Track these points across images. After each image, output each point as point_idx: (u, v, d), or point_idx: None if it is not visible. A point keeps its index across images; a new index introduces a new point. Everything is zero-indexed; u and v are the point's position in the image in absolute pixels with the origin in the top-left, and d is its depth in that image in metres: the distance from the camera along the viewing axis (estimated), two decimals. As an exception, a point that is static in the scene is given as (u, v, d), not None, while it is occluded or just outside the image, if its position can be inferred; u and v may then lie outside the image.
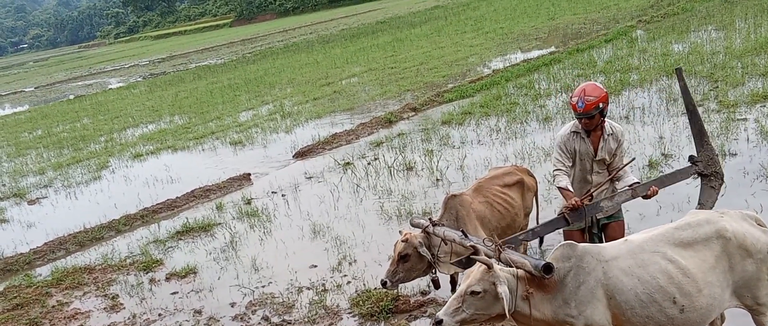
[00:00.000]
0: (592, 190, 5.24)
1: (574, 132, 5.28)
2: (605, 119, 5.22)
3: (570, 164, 5.36)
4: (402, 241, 5.50)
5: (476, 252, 4.40)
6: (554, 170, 5.39)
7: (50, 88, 45.08)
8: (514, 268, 4.22)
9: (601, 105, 5.02)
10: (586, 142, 5.27)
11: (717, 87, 11.39)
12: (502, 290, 3.98)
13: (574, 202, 4.98)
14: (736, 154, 8.37)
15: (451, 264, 5.36)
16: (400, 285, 5.69)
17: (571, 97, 5.16)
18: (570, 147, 5.31)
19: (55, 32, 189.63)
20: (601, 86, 5.11)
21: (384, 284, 5.47)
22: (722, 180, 5.44)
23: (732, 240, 4.11)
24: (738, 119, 9.59)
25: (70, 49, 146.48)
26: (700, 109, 10.27)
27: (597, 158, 5.29)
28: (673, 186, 7.40)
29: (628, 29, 19.94)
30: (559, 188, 5.34)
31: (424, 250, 5.42)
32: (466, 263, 4.85)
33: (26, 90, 46.20)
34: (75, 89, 40.37)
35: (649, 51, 15.70)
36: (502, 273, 4.11)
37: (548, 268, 4.05)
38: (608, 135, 5.24)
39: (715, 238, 4.12)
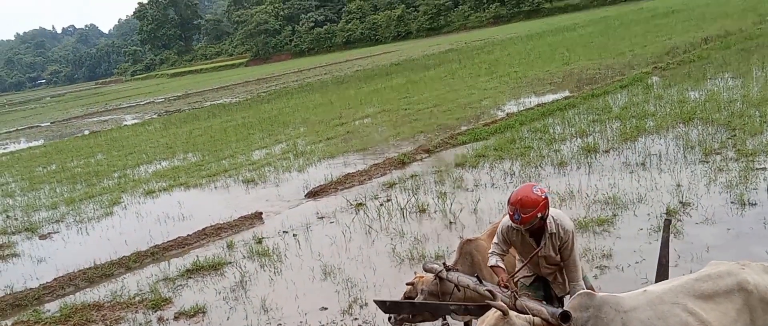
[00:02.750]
0: (518, 277, 5.13)
1: (514, 228, 4.93)
2: (547, 220, 4.83)
3: (506, 250, 5.13)
4: (407, 284, 5.57)
5: (493, 297, 4.31)
6: (490, 252, 5.16)
7: (66, 123, 45.54)
8: (530, 316, 4.13)
9: (539, 215, 4.69)
10: (527, 237, 4.97)
11: (735, 135, 11.28)
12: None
13: (501, 282, 4.81)
14: (755, 204, 8.23)
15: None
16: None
17: (508, 200, 4.76)
18: (510, 238, 5.06)
19: (72, 68, 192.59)
20: (539, 191, 4.69)
21: (390, 319, 5.48)
22: None
23: (754, 292, 3.99)
24: (757, 169, 9.44)
25: (87, 85, 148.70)
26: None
27: (541, 254, 4.99)
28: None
29: (643, 76, 19.87)
30: (490, 267, 5.09)
31: (421, 297, 5.37)
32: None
33: (42, 125, 46.67)
34: (90, 125, 40.80)
35: (665, 98, 15.62)
36: (518, 321, 4.01)
37: (566, 317, 3.94)
38: (551, 234, 4.87)
39: (736, 291, 4.01)
